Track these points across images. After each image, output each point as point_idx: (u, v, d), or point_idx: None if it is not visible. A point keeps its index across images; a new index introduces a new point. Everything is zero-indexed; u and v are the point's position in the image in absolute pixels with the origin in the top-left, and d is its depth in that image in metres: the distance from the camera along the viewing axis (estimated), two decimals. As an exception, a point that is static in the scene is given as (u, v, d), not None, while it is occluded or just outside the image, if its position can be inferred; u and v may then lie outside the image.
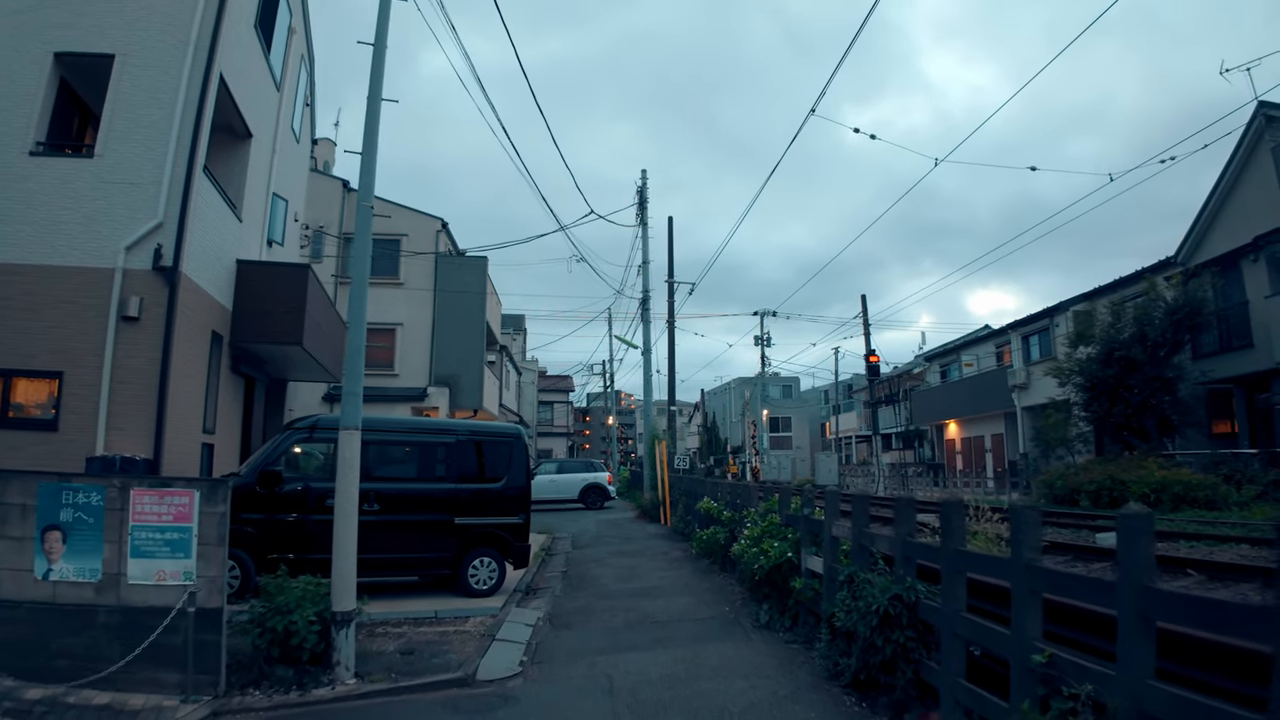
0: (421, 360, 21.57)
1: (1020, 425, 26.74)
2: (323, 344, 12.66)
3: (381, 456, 8.50)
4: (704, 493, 11.96)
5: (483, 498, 8.57)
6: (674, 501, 15.90)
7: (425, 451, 8.65)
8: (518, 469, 8.74)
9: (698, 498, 12.56)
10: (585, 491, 22.50)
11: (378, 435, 8.41)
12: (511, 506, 8.66)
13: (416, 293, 22.09)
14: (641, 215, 22.23)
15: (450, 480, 8.43)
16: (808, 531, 6.46)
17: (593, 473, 23.33)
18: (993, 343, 30.35)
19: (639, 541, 13.54)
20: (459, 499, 8.41)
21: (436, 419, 9.10)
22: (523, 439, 8.93)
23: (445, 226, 22.89)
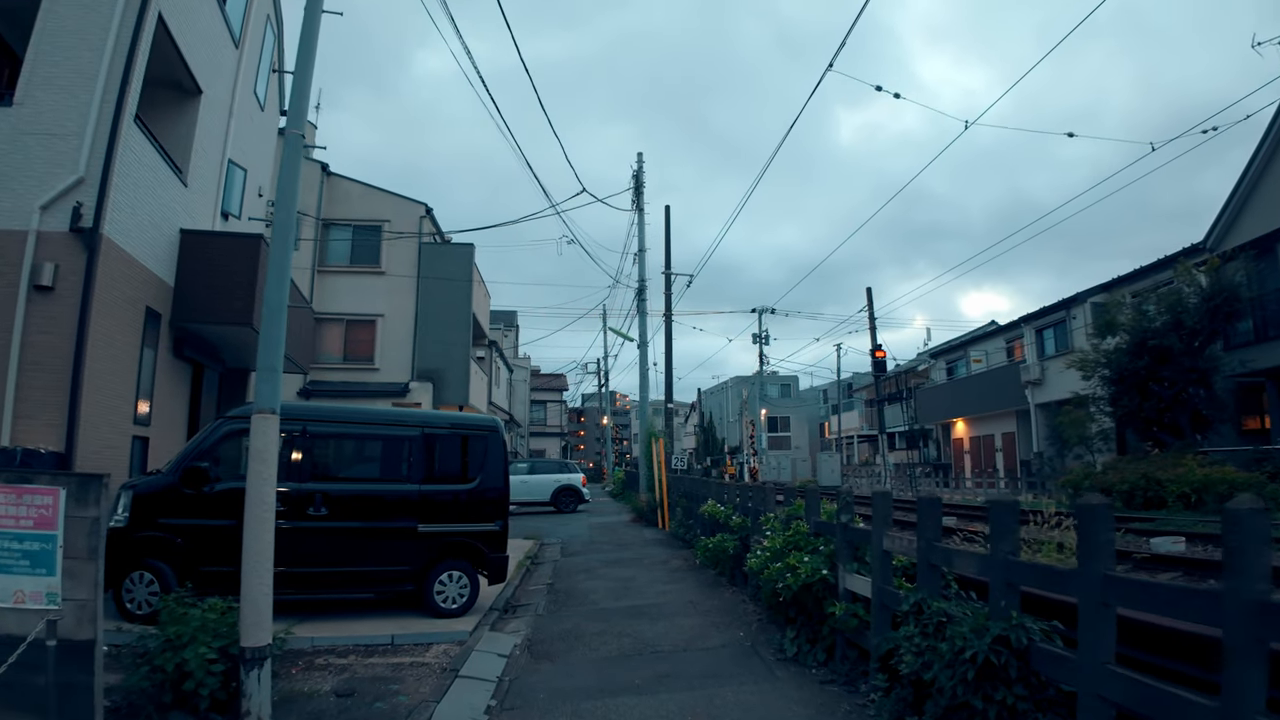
0: (403, 354, 20.26)
1: (1034, 423, 25.55)
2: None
3: (331, 452, 7.20)
4: (708, 495, 10.68)
5: (452, 501, 7.28)
6: (673, 504, 14.62)
7: (384, 446, 7.36)
8: (494, 468, 7.45)
9: (700, 500, 11.29)
10: (557, 494, 21.15)
11: (326, 426, 7.12)
12: (486, 511, 7.37)
13: (398, 282, 20.79)
14: (637, 200, 20.96)
15: (414, 480, 7.13)
16: (846, 543, 5.19)
17: (566, 474, 21.89)
18: (1003, 338, 29.17)
19: (635, 548, 12.25)
20: (424, 502, 7.11)
21: (398, 409, 7.76)
22: (500, 433, 7.64)
23: (429, 212, 21.58)
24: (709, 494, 10.65)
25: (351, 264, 21.12)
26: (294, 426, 6.90)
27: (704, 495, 11.10)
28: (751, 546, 7.69)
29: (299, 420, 6.94)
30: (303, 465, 6.86)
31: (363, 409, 7.81)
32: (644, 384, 20.15)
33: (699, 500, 11.45)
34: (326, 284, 20.84)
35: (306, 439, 6.90)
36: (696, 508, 11.50)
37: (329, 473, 7.05)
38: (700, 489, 11.64)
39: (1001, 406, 27.42)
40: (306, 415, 7.07)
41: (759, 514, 7.48)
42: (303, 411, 7.15)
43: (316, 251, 20.77)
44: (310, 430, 6.94)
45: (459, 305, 20.60)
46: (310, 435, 6.93)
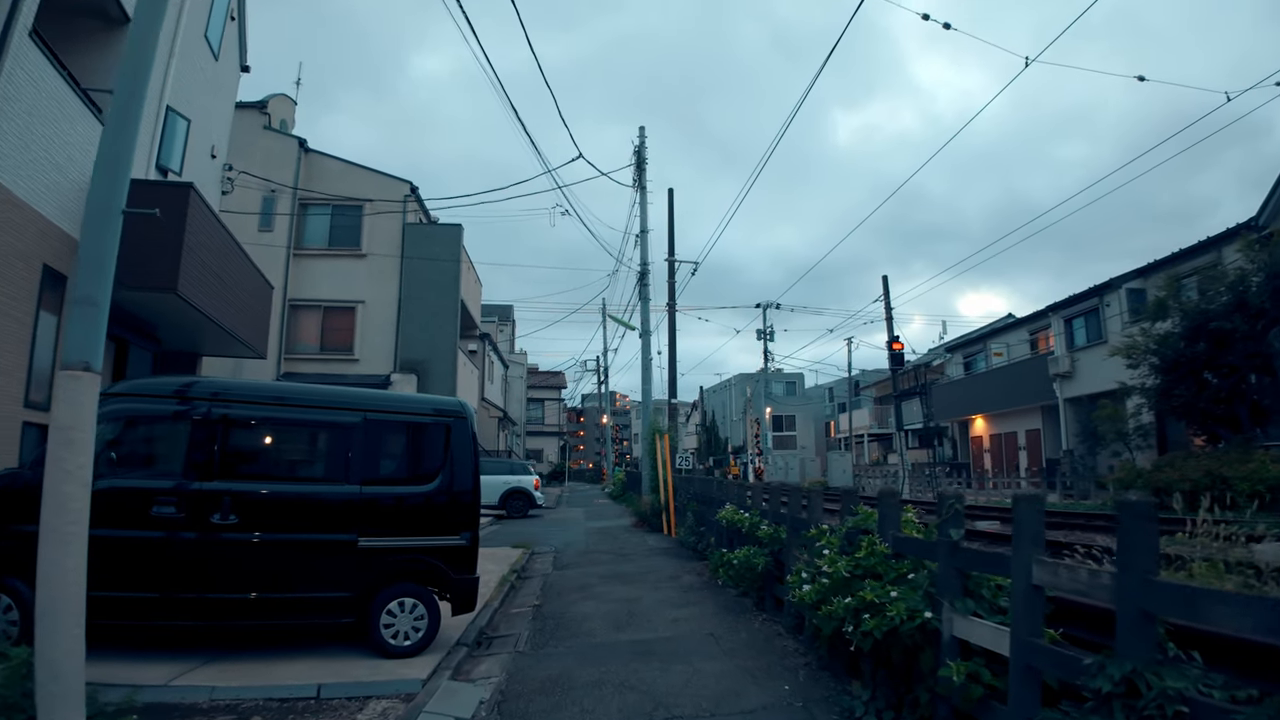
0: (385, 343, 18.64)
1: (1063, 419, 23.91)
2: (225, 301, 9.71)
3: (244, 442, 5.54)
4: (724, 498, 9.03)
5: (405, 507, 5.64)
6: (680, 508, 12.98)
7: (315, 436, 5.71)
8: (461, 465, 5.81)
9: (714, 505, 9.64)
10: (507, 497, 19.37)
11: (238, 408, 5.46)
12: (450, 520, 5.73)
13: (381, 266, 19.17)
14: (639, 178, 19.32)
15: (354, 480, 5.48)
16: (955, 572, 3.54)
17: (517, 475, 20.00)
18: (1025, 329, 27.53)
19: (639, 559, 10.59)
20: (367, 509, 5.47)
21: (335, 388, 5.99)
22: (468, 420, 5.99)
23: (414, 191, 19.96)
24: (726, 498, 9.00)
25: (330, 246, 19.49)
26: (193, 406, 5.27)
27: (719, 499, 9.45)
28: (789, 565, 6.05)
29: (200, 399, 5.31)
30: (205, 458, 5.22)
31: (288, 385, 6.15)
32: (647, 377, 18.52)
33: (713, 504, 9.81)
34: (303, 268, 19.23)
35: (210, 424, 5.26)
36: (710, 513, 9.86)
37: (241, 469, 5.39)
38: (715, 491, 9.98)
39: (1026, 402, 25.79)
40: (210, 392, 5.42)
41: (802, 525, 5.83)
42: (205, 387, 5.50)
43: (292, 232, 19.17)
44: (215, 413, 5.29)
45: (446, 291, 18.97)
46: (215, 419, 5.28)
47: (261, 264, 18.78)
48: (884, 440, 39.75)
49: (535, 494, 19.54)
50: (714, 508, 9.62)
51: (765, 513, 7.18)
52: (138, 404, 5.29)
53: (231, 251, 10.34)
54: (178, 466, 5.29)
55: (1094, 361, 22.75)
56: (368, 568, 5.41)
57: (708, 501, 10.20)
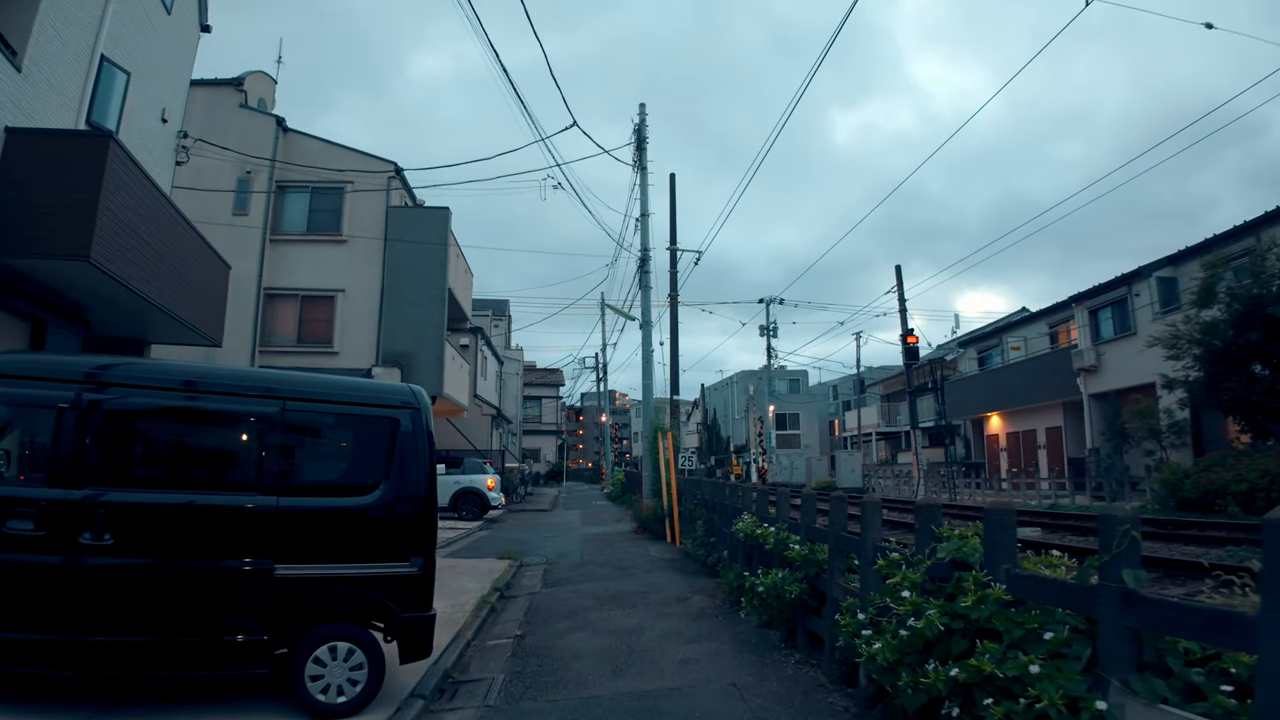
0: (367, 335, 17.36)
1: (1088, 415, 22.65)
2: (164, 278, 8.42)
3: (124, 438, 4.25)
4: (741, 507, 7.74)
5: (337, 525, 4.36)
6: (686, 514, 11.71)
7: (219, 430, 4.42)
8: (412, 470, 4.52)
9: (728, 512, 8.37)
10: (457, 499, 18.03)
11: (119, 394, 4.17)
12: (396, 541, 4.45)
13: (362, 252, 17.88)
14: (640, 158, 18.05)
15: (269, 489, 4.20)
16: (1125, 635, 2.28)
17: (469, 475, 18.49)
18: (1045, 322, 26.25)
19: (640, 574, 9.31)
20: (287, 527, 4.20)
21: (247, 369, 4.63)
22: (421, 411, 4.69)
23: (399, 172, 18.67)
24: (742, 506, 7.71)
25: (308, 231, 18.20)
26: (59, 390, 3.99)
27: (734, 507, 8.18)
28: (831, 593, 4.78)
29: (68, 380, 4.03)
30: (73, 459, 3.94)
31: (182, 365, 4.86)
32: (648, 371, 17.26)
33: (726, 513, 8.54)
34: (280, 254, 17.95)
35: (80, 413, 3.98)
36: (723, 522, 8.60)
37: (121, 474, 4.12)
38: (729, 498, 8.67)
39: (1047, 398, 24.53)
40: (81, 372, 4.14)
41: (851, 546, 4.55)
42: (74, 366, 4.21)
43: (268, 216, 17.88)
44: (86, 399, 4.01)
45: (432, 279, 17.69)
46: (86, 407, 4.00)
47: (235, 249, 17.60)
48: (891, 439, 38.49)
49: (489, 495, 18.23)
50: (728, 517, 8.35)
51: (796, 526, 5.90)
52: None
53: (174, 224, 9.06)
54: (38, 470, 4.03)
55: (1122, 354, 21.50)
56: (288, 604, 4.13)
57: (719, 509, 8.92)
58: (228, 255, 17.93)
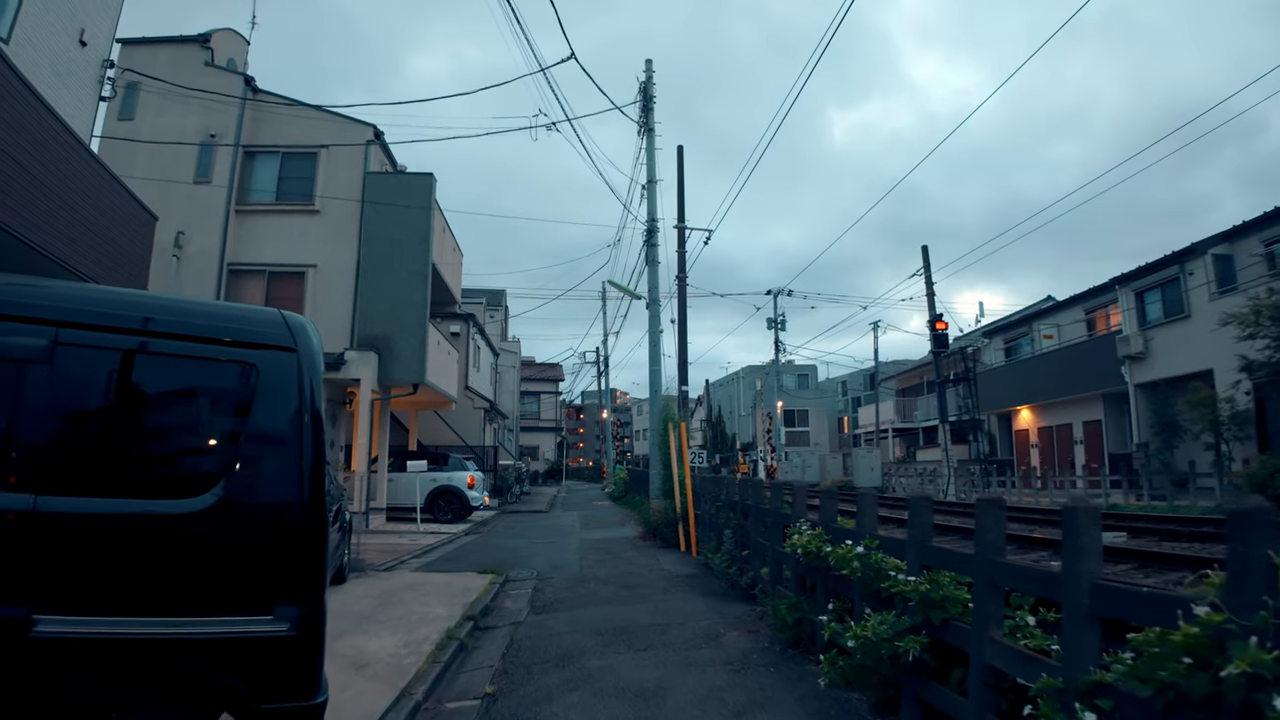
0: (340, 316, 15.47)
1: (1134, 407, 20.73)
2: (44, 214, 6.54)
3: None
4: (794, 513, 5.82)
5: (146, 548, 2.46)
6: (705, 518, 9.83)
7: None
8: (278, 457, 2.63)
9: (769, 519, 6.47)
10: (433, 499, 16.21)
11: None
12: (246, 578, 2.56)
13: (336, 224, 16.02)
14: (646, 119, 16.18)
15: (24, 481, 2.30)
16: None
17: (445, 472, 16.65)
18: (1080, 307, 24.33)
19: (654, 595, 7.42)
20: (50, 549, 2.30)
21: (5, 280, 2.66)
22: (300, 361, 2.75)
23: (379, 137, 16.79)
24: (794, 512, 5.79)
25: (278, 200, 16.34)
26: None
27: (778, 512, 6.27)
28: (984, 658, 2.89)
29: None
30: None
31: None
32: (655, 355, 15.38)
33: (764, 519, 6.65)
34: (245, 226, 16.09)
35: None
36: (761, 532, 6.71)
37: None
38: (772, 501, 6.69)
39: (1085, 389, 22.62)
40: None
41: (1038, 582, 2.65)
42: None
43: (233, 185, 16.00)
44: None
45: (414, 254, 15.81)
46: None
47: (196, 220, 15.75)
48: (908, 435, 36.59)
49: (469, 493, 16.34)
50: (768, 525, 6.46)
51: (902, 546, 4.00)
52: None
53: (71, 154, 7.18)
54: None
55: (1173, 339, 19.60)
56: (55, 686, 2.26)
57: (755, 514, 7.00)
58: (188, 227, 16.16)
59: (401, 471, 15.76)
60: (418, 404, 18.82)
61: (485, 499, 17.51)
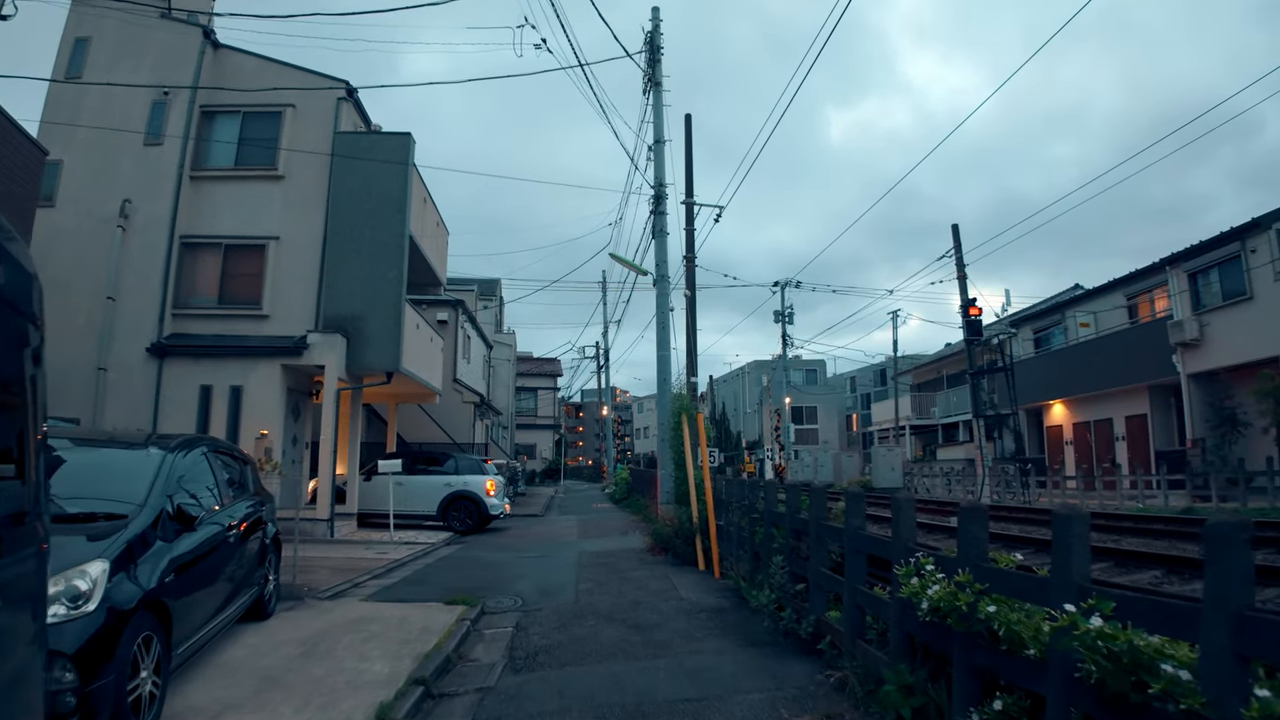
0: (304, 294, 13.57)
1: (1187, 399, 18.84)
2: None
3: None
4: (905, 537, 3.87)
5: None
6: (731, 532, 7.92)
7: None
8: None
9: (847, 546, 4.53)
10: (447, 505, 14.38)
11: None
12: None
13: (302, 190, 14.11)
14: (652, 72, 14.28)
15: None
16: None
17: (462, 475, 14.76)
18: (1121, 292, 22.43)
19: (675, 643, 5.49)
20: None
21: None
22: None
23: (352, 94, 14.87)
24: (898, 537, 3.84)
25: (238, 165, 14.41)
26: None
27: (870, 537, 4.34)
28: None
29: None
30: None
31: None
32: (663, 340, 13.48)
33: (835, 543, 4.72)
34: (201, 194, 14.18)
35: None
36: (820, 556, 4.79)
37: None
38: (851, 519, 4.71)
39: (1129, 381, 20.74)
40: None
41: None
42: None
43: (188, 146, 14.08)
44: None
45: (388, 223, 13.89)
46: None
47: (145, 188, 13.80)
48: (925, 433, 34.69)
49: (488, 500, 14.41)
50: (835, 549, 4.55)
51: (1145, 606, 2.08)
52: None
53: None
54: None
55: (1234, 324, 17.72)
56: None
57: (819, 536, 5.04)
58: (136, 194, 14.15)
59: (374, 474, 13.83)
60: (397, 396, 16.92)
61: (506, 506, 15.55)
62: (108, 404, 12.86)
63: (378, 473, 13.36)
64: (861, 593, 4.18)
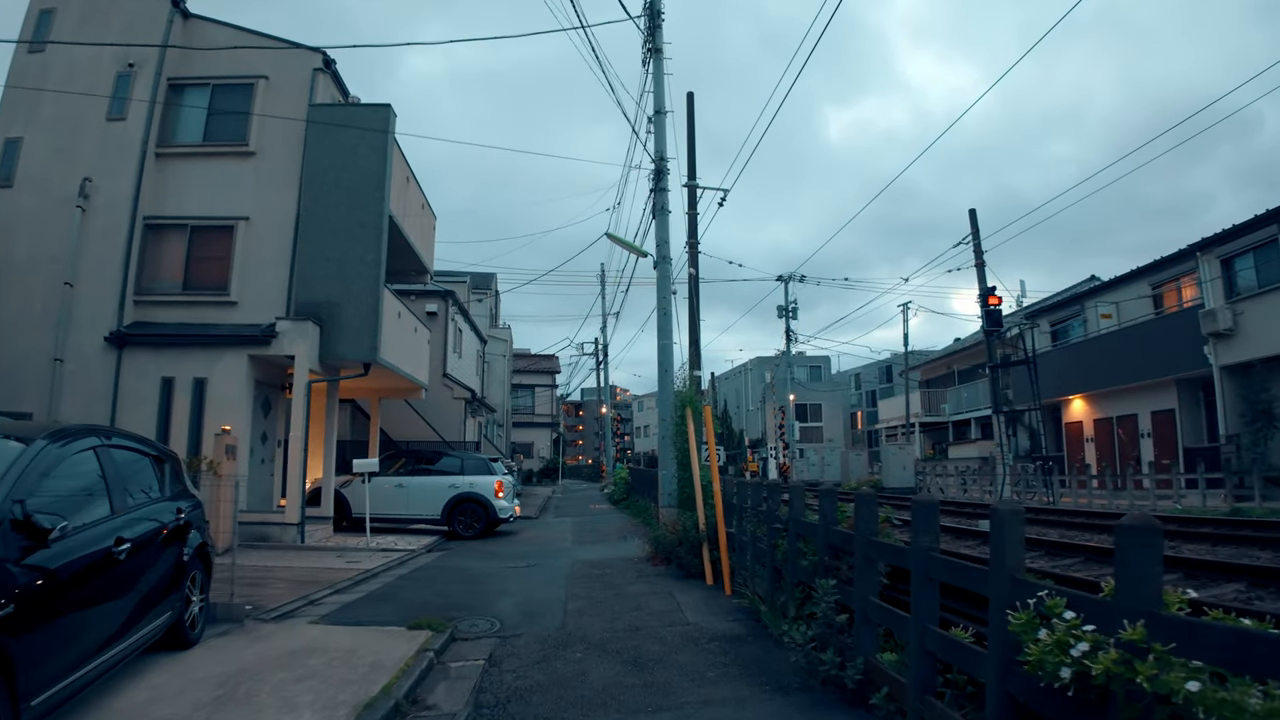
0: (275, 279, 12.52)
1: (1221, 393, 17.76)
2: None
3: None
4: (984, 579, 2.79)
5: None
6: (746, 541, 6.84)
7: None
8: None
9: (915, 570, 3.43)
10: (452, 507, 13.25)
11: None
12: None
13: (274, 168, 13.05)
14: (653, 39, 13.21)
15: None
16: None
17: (468, 475, 13.61)
18: (1146, 281, 21.34)
19: (682, 687, 4.40)
20: None
21: None
22: None
23: (329, 65, 13.80)
24: (1000, 567, 2.78)
25: (206, 141, 13.35)
26: None
27: (957, 565, 3.26)
28: None
29: None
30: None
31: None
32: (665, 328, 12.40)
33: (881, 562, 3.64)
34: (167, 172, 13.13)
35: None
36: (867, 583, 3.71)
37: None
38: (920, 537, 3.63)
39: (1155, 374, 19.66)
40: None
41: None
42: None
43: (152, 120, 13.03)
44: None
45: (366, 202, 12.81)
46: None
47: (107, 165, 12.80)
48: (935, 431, 33.61)
49: (496, 503, 13.31)
50: (883, 571, 3.48)
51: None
52: None
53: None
54: None
55: (1271, 312, 16.63)
56: None
57: (865, 555, 3.96)
58: (97, 173, 13.02)
59: (349, 474, 12.75)
60: (380, 391, 15.85)
61: (516, 509, 14.43)
62: (64, 398, 11.82)
63: (353, 472, 12.28)
64: (935, 635, 3.12)
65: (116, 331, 12.04)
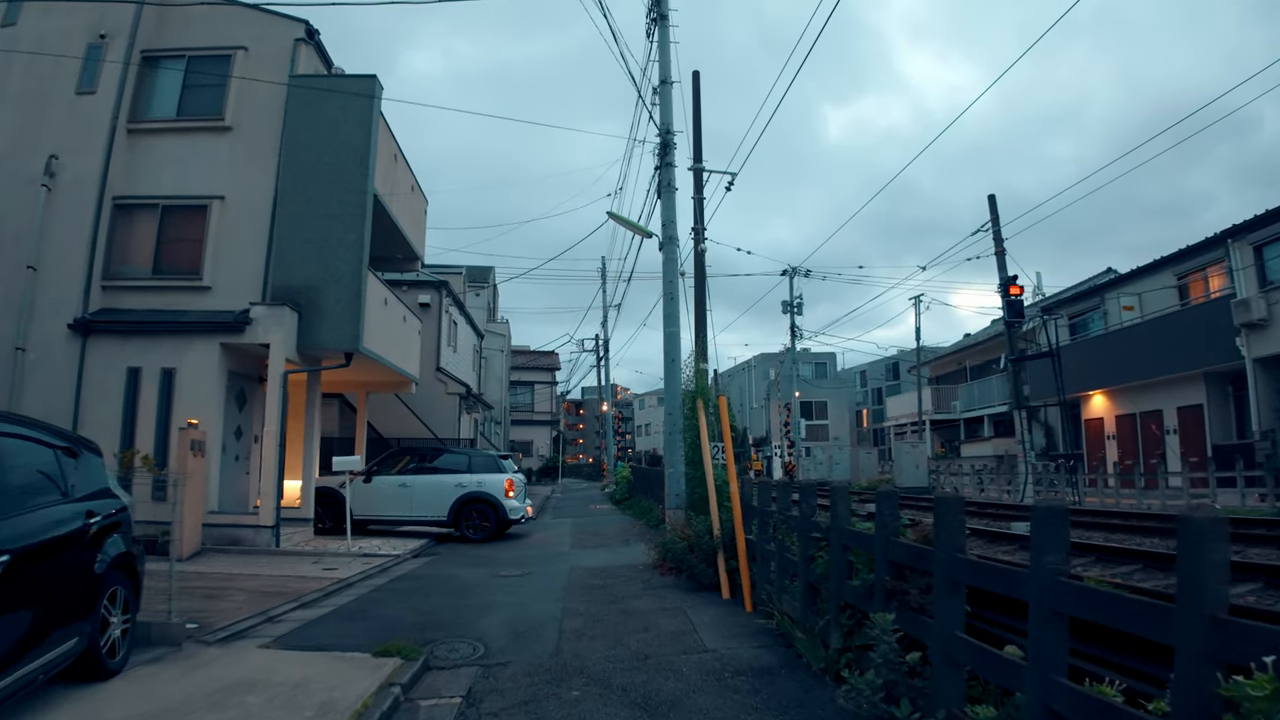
0: (251, 262, 11.63)
1: (1253, 386, 16.84)
2: None
3: None
4: (1165, 623, 1.90)
5: None
6: (767, 549, 5.95)
7: None
8: None
9: (1046, 619, 2.50)
10: (459, 509, 12.29)
11: None
12: None
13: (251, 143, 12.17)
14: (658, 5, 12.30)
15: None
16: None
17: (475, 474, 12.64)
18: (1170, 271, 20.40)
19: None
20: None
21: None
22: None
23: (312, 36, 12.89)
24: (1201, 613, 1.89)
25: (180, 115, 12.47)
26: None
27: (1162, 622, 2.36)
28: None
29: None
30: None
31: None
32: (671, 313, 11.48)
33: (1038, 602, 2.75)
34: (138, 149, 12.27)
35: None
36: (947, 615, 2.81)
37: None
38: (1051, 558, 2.73)
39: (1182, 368, 18.75)
40: None
41: None
42: None
43: (123, 94, 12.16)
44: None
45: (349, 180, 11.91)
46: None
47: (74, 140, 11.90)
48: (945, 428, 32.70)
49: (507, 503, 12.37)
50: (1001, 612, 2.58)
51: None
52: None
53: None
54: None
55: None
56: None
57: (948, 579, 3.05)
58: (64, 150, 12.04)
59: (329, 472, 11.84)
60: (367, 384, 14.96)
61: (529, 509, 13.47)
62: (26, 389, 10.97)
63: (332, 471, 11.38)
64: (1064, 689, 2.22)
65: (81, 319, 11.19)
